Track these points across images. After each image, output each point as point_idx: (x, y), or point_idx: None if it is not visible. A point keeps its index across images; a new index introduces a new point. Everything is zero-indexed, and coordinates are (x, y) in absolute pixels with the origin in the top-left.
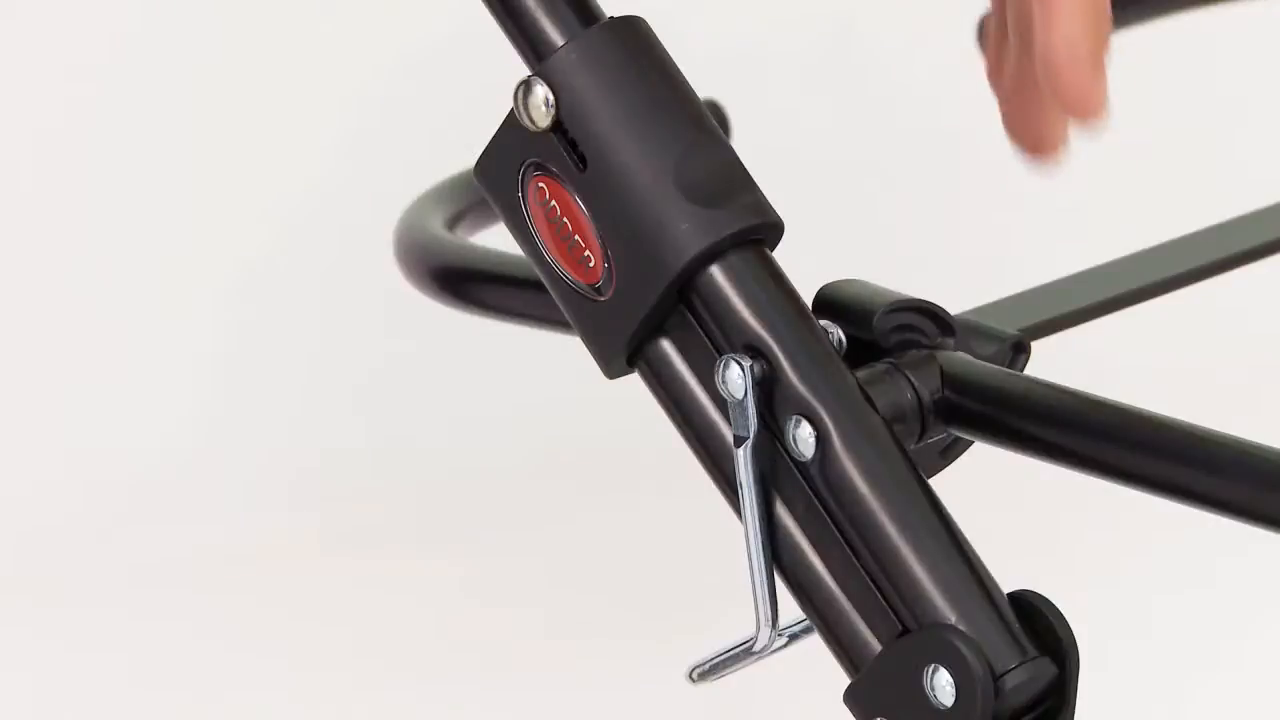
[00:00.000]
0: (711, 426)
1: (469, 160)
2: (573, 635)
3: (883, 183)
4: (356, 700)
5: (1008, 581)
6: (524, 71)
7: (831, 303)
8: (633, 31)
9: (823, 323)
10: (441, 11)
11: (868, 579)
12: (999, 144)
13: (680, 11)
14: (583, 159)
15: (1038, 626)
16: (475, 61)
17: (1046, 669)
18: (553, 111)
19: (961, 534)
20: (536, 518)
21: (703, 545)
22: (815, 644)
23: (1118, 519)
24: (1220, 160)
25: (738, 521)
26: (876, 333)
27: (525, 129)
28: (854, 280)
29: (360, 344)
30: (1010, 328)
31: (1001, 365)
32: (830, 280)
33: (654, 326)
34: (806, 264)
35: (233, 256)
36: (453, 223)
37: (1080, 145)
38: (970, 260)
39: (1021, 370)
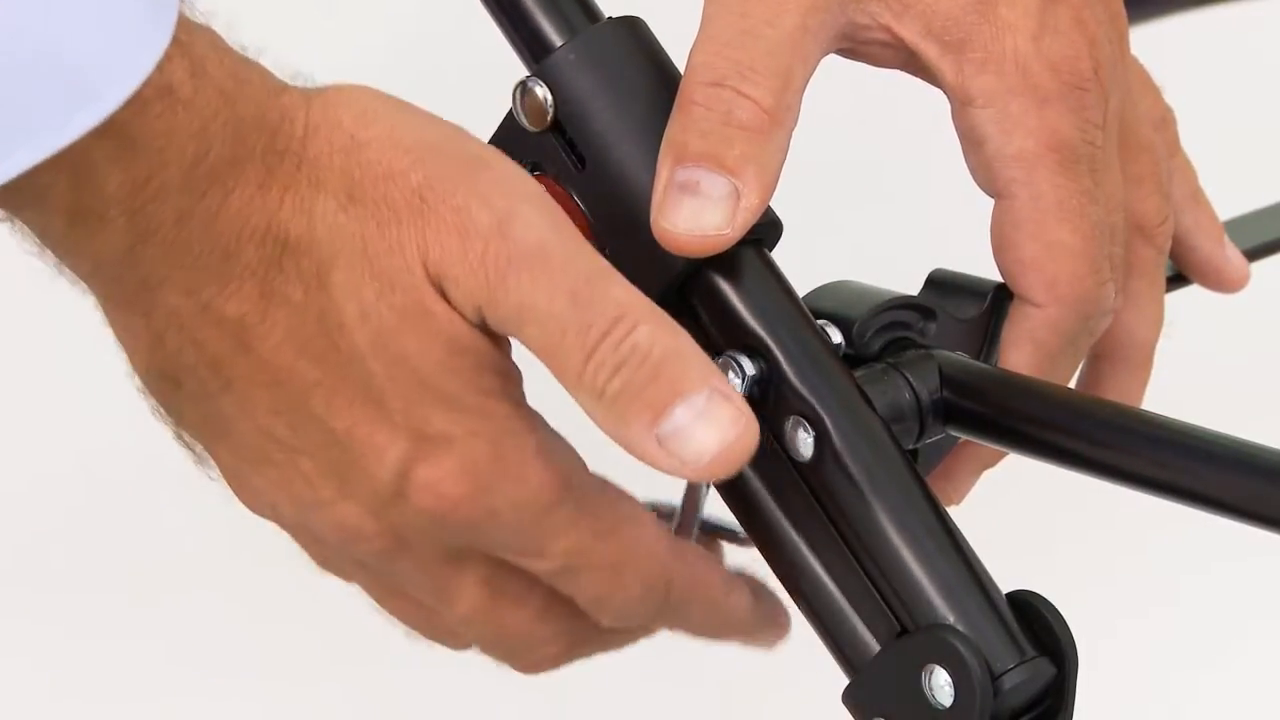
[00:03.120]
0: None
1: None
2: None
3: (882, 182)
4: (349, 698)
5: (1006, 582)
6: (523, 72)
7: (822, 307)
8: (631, 32)
9: (820, 323)
10: (440, 11)
11: (866, 579)
12: None
13: (680, 11)
14: (581, 159)
15: (1036, 627)
16: (474, 62)
17: (1045, 669)
18: (551, 111)
19: (960, 534)
20: None
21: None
22: (814, 644)
23: (1116, 519)
24: (1220, 160)
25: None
26: (865, 340)
27: (524, 129)
28: (845, 282)
29: None
30: None
31: (988, 320)
32: (830, 280)
33: None
34: (806, 264)
35: None
36: None
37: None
38: (970, 260)
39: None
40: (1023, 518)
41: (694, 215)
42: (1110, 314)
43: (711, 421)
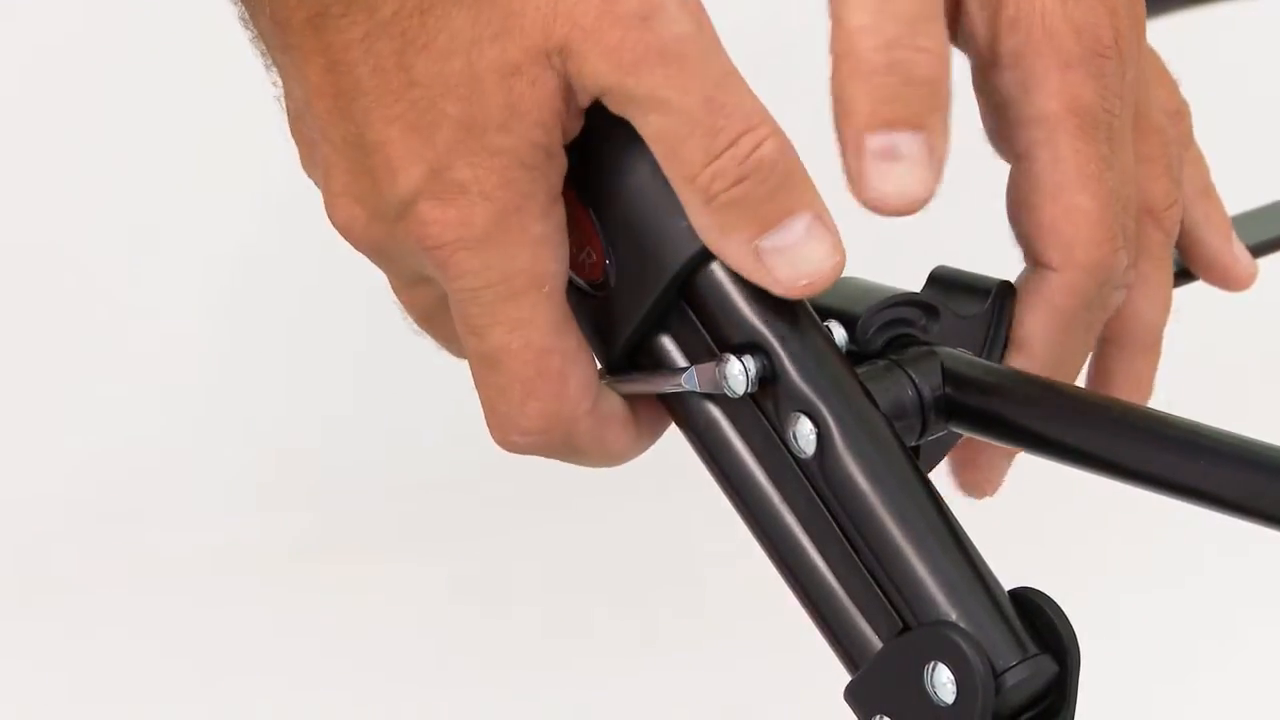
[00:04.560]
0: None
1: None
2: (564, 635)
3: None
4: (349, 699)
5: (1009, 579)
6: None
7: (825, 303)
8: None
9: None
10: None
11: (868, 576)
12: None
13: None
14: (582, 156)
15: (1038, 624)
16: None
17: (1047, 666)
18: None
19: (962, 531)
20: (530, 517)
21: (699, 544)
22: (815, 642)
23: (1119, 516)
24: (1220, 160)
25: (737, 521)
26: (867, 337)
27: None
28: (847, 278)
29: (354, 344)
30: None
31: (991, 317)
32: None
33: (654, 324)
34: None
35: (229, 258)
36: None
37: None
38: (971, 259)
39: (1012, 313)
40: (1025, 515)
41: (901, 180)
42: (1123, 287)
43: (812, 248)
